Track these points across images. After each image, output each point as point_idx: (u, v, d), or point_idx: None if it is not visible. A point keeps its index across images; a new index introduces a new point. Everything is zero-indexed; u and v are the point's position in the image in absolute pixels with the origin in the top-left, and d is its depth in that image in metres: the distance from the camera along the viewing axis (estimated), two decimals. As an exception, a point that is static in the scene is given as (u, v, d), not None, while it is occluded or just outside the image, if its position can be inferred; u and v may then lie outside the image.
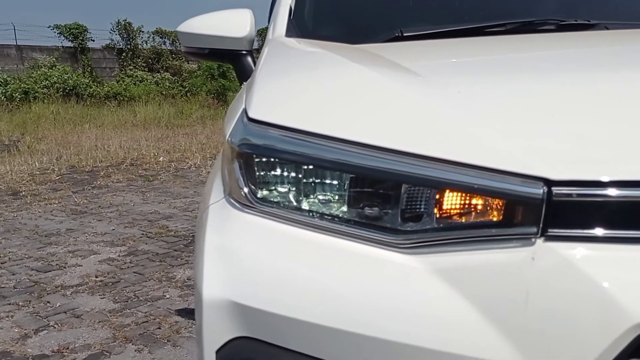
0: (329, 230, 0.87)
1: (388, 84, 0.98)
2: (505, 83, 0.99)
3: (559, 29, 1.50)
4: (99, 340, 2.81)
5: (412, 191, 0.83)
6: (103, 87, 16.97)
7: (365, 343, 0.78)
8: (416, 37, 1.45)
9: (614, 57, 1.15)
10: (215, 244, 0.92)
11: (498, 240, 0.78)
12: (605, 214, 0.73)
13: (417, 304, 0.78)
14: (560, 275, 0.72)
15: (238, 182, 0.95)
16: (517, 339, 0.73)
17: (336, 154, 0.87)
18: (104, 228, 4.91)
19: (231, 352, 0.86)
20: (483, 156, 0.79)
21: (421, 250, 0.81)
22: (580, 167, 0.74)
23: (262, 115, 0.97)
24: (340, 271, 0.84)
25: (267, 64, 1.21)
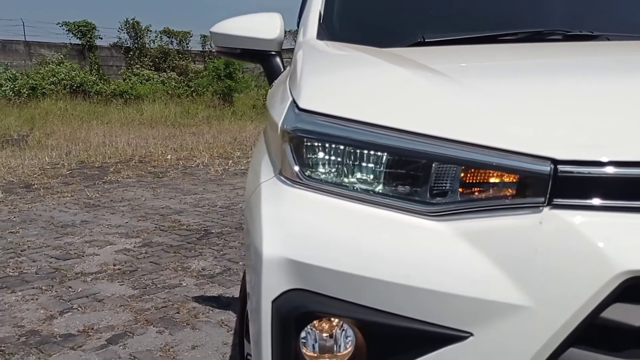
0: (368, 202, 1.04)
1: (418, 81, 1.15)
2: (519, 83, 1.16)
3: (566, 38, 1.67)
4: (122, 322, 2.97)
5: (440, 170, 1.00)
6: (110, 85, 17.17)
7: (399, 290, 0.95)
8: (437, 42, 1.63)
9: (612, 64, 1.32)
10: (271, 213, 1.09)
11: (512, 209, 0.95)
12: (600, 187, 0.90)
13: (443, 258, 0.95)
14: (562, 236, 0.89)
15: (289, 162, 1.12)
16: (526, 286, 0.90)
17: (375, 137, 1.04)
18: (117, 221, 5.07)
19: (286, 301, 1.03)
20: (501, 140, 0.96)
21: (447, 217, 0.98)
22: (580, 150, 0.92)
23: (311, 105, 1.13)
24: (378, 233, 1.00)
25: (308, 63, 1.38)
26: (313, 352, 1.06)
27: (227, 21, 2.14)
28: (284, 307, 1.03)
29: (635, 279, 0.85)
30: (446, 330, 0.94)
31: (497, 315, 0.90)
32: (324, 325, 1.06)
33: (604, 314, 0.87)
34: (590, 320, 0.87)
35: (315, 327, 1.06)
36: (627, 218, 0.89)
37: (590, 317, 0.87)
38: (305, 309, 1.02)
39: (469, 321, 0.92)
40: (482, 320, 0.91)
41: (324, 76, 1.27)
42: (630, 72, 1.22)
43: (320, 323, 1.06)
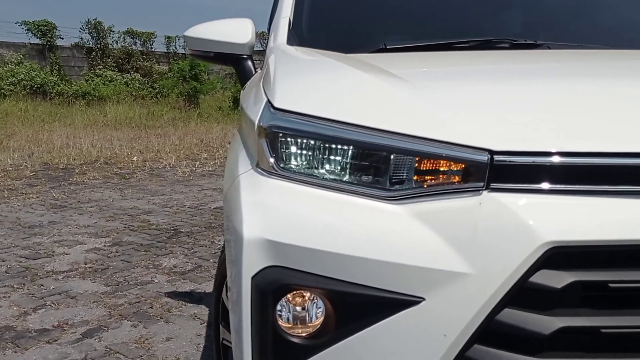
0: (335, 189, 1.20)
1: (380, 83, 1.31)
2: (466, 85, 1.34)
3: (512, 47, 1.86)
4: (96, 317, 3.04)
5: (398, 161, 1.16)
6: (71, 86, 16.92)
7: (362, 263, 1.10)
8: (398, 49, 1.80)
9: (548, 69, 1.52)
10: (250, 200, 1.23)
11: (457, 192, 1.12)
12: (530, 173, 1.07)
13: (399, 235, 1.11)
14: (498, 214, 1.07)
15: (265, 156, 1.27)
16: (468, 256, 1.07)
17: (341, 133, 1.20)
18: (86, 221, 5.09)
19: (264, 277, 1.17)
20: (448, 134, 1.13)
21: (404, 201, 1.14)
22: (513, 142, 1.09)
23: (284, 105, 1.28)
24: (345, 215, 1.16)
25: (280, 67, 1.53)
26: (288, 323, 1.20)
27: (201, 25, 2.27)
28: (262, 282, 1.17)
29: (557, 248, 1.02)
30: (403, 296, 1.09)
31: (444, 282, 1.07)
32: (297, 299, 1.21)
33: (531, 279, 1.04)
34: (521, 284, 1.04)
35: (290, 301, 1.20)
36: (551, 199, 1.07)
37: (521, 281, 1.04)
38: (282, 283, 1.16)
39: (422, 288, 1.08)
40: (432, 287, 1.08)
41: (296, 79, 1.43)
42: (562, 76, 1.41)
43: (294, 297, 1.20)
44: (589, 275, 1.03)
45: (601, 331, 1.03)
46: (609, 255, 1.05)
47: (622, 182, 1.06)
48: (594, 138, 1.09)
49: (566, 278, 1.03)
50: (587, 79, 1.37)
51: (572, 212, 1.05)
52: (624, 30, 2.24)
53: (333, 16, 2.19)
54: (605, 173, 1.07)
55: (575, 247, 1.03)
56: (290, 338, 1.18)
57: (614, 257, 1.05)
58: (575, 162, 1.07)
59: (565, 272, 1.03)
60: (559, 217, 1.04)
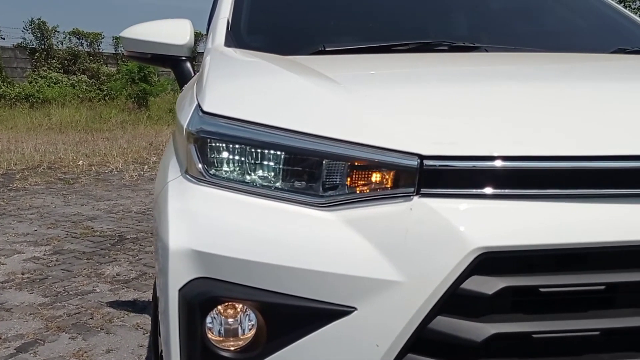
0: (267, 196, 1.15)
1: (313, 88, 1.28)
2: (400, 88, 1.31)
3: (451, 49, 1.86)
4: (32, 330, 2.90)
5: (330, 167, 1.13)
6: (14, 88, 16.30)
7: (291, 273, 1.07)
8: (336, 51, 1.77)
9: (484, 72, 1.52)
10: (177, 208, 1.18)
11: (388, 198, 1.09)
12: (459, 178, 1.06)
13: (330, 242, 1.08)
14: (428, 220, 1.05)
15: (194, 162, 1.21)
16: (399, 263, 1.04)
17: (272, 137, 1.16)
18: (25, 229, 4.88)
19: (191, 289, 1.11)
20: (378, 139, 1.10)
21: (336, 207, 1.11)
22: (442, 146, 1.07)
23: (213, 108, 1.23)
24: (275, 223, 1.12)
25: (214, 69, 1.48)
26: (218, 336, 1.15)
27: (138, 26, 2.19)
28: (190, 294, 1.12)
29: (487, 254, 1.01)
30: (334, 306, 1.06)
31: (376, 291, 1.04)
32: (229, 311, 1.16)
33: (463, 285, 1.02)
34: (453, 291, 1.02)
35: (221, 313, 1.15)
36: (481, 204, 1.05)
37: (452, 288, 1.02)
38: (210, 295, 1.11)
39: (353, 297, 1.05)
40: (364, 296, 1.05)
41: (227, 82, 1.38)
42: (496, 79, 1.41)
43: (226, 309, 1.16)
44: (519, 281, 1.02)
45: (533, 336, 1.03)
46: (540, 260, 1.04)
47: (550, 186, 1.06)
48: (523, 141, 1.08)
49: (497, 284, 1.01)
50: (520, 82, 1.37)
51: (501, 217, 1.04)
52: (560, 34, 2.28)
53: (272, 18, 2.15)
54: (535, 177, 1.06)
55: (505, 252, 1.01)
56: (220, 352, 1.13)
57: (544, 262, 1.04)
58: (504, 166, 1.05)
59: (496, 278, 1.02)
60: (489, 222, 1.03)
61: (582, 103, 1.19)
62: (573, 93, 1.24)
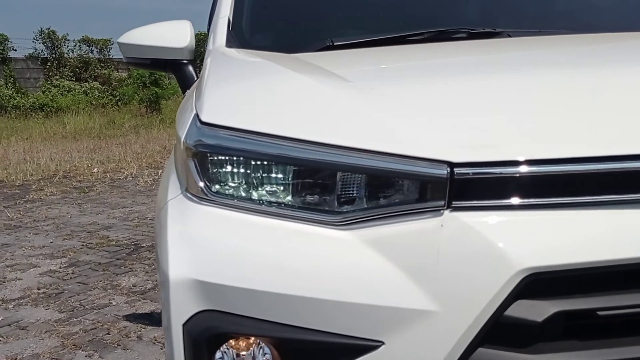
0: (276, 215, 1.02)
1: (322, 89, 1.14)
2: (419, 84, 1.17)
3: (470, 36, 1.71)
4: (48, 349, 2.82)
5: (346, 179, 0.99)
6: (28, 99, 16.36)
7: (308, 304, 0.94)
8: (345, 46, 1.63)
9: (511, 60, 1.36)
10: (177, 232, 1.05)
11: (414, 213, 0.95)
12: (497, 187, 0.92)
13: (349, 268, 0.94)
14: (463, 238, 0.90)
15: (194, 179, 1.08)
16: (431, 290, 0.90)
17: (279, 149, 1.02)
18: (41, 241, 4.83)
19: (197, 324, 0.99)
20: (400, 146, 0.96)
21: (353, 226, 0.97)
22: (474, 151, 0.93)
23: (213, 118, 1.10)
24: (287, 247, 0.99)
25: (214, 73, 1.34)
26: (231, 372, 1.03)
27: (135, 31, 2.07)
28: (195, 330, 0.99)
29: (535, 275, 0.87)
30: (358, 340, 0.93)
31: (406, 322, 0.90)
32: (240, 344, 1.04)
33: (508, 312, 0.88)
34: (496, 320, 0.88)
35: (232, 346, 1.03)
36: (525, 216, 0.91)
37: (495, 316, 0.88)
38: (217, 331, 0.99)
39: (380, 330, 0.92)
40: (392, 328, 0.91)
41: (228, 87, 1.24)
42: (527, 68, 1.25)
43: (237, 341, 1.03)
44: (573, 304, 0.88)
45: (591, 365, 0.89)
46: (595, 279, 0.90)
47: (607, 191, 0.90)
48: (570, 141, 0.93)
49: (548, 309, 0.87)
50: (556, 70, 1.21)
51: (549, 230, 0.89)
52: (584, 13, 2.11)
53: (275, 13, 2.00)
54: (589, 181, 0.91)
55: (556, 272, 0.87)
56: (232, 392, 1.00)
57: (600, 281, 0.90)
58: (549, 171, 0.91)
59: (546, 302, 0.88)
60: (535, 237, 0.89)
61: (634, 93, 1.03)
62: (620, 82, 1.08)
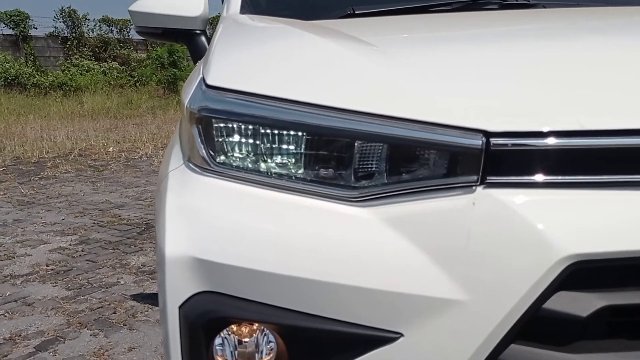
0: (286, 189, 0.92)
1: (341, 52, 1.03)
2: (450, 51, 1.05)
3: (502, 7, 1.58)
4: (53, 326, 2.77)
5: (365, 150, 0.88)
6: (47, 77, 16.43)
7: (319, 289, 0.83)
8: (368, 14, 1.51)
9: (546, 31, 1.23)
10: (176, 205, 0.95)
11: (442, 189, 0.84)
12: (539, 161, 0.80)
13: (368, 250, 0.83)
14: (497, 218, 0.79)
15: (197, 147, 0.98)
16: (459, 277, 0.79)
17: (291, 115, 0.91)
18: (53, 218, 4.80)
19: (194, 306, 0.90)
20: (428, 113, 0.85)
21: (372, 202, 0.87)
22: (515, 120, 0.81)
23: (219, 81, 1.00)
24: (298, 224, 0.88)
25: (223, 37, 1.24)
26: (230, 359, 0.93)
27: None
28: (192, 313, 0.89)
29: (580, 263, 0.75)
30: (373, 331, 0.82)
31: (429, 312, 0.80)
32: (243, 330, 0.94)
33: (547, 305, 0.77)
34: (533, 313, 0.77)
35: (234, 332, 0.93)
36: (569, 195, 0.79)
37: (532, 309, 0.77)
38: (216, 315, 0.89)
39: (398, 320, 0.81)
40: (412, 319, 0.80)
41: (238, 50, 1.13)
42: (565, 38, 1.13)
43: (240, 327, 0.93)
44: (623, 298, 0.76)
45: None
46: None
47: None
48: (624, 112, 0.80)
49: (594, 302, 0.76)
50: (598, 42, 1.08)
51: (598, 212, 0.77)
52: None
53: (294, -21, 1.89)
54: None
55: (606, 260, 0.75)
56: (232, 382, 0.91)
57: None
58: (601, 144, 0.79)
59: (592, 295, 0.76)
60: (581, 220, 0.77)
61: None
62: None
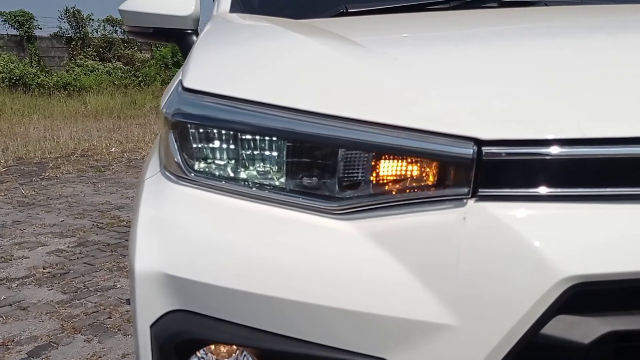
0: (266, 200, 0.86)
1: (327, 53, 0.97)
2: (439, 52, 0.99)
3: (502, 5, 1.51)
4: (46, 331, 2.73)
5: (349, 159, 0.82)
6: (52, 77, 16.43)
7: (301, 310, 0.77)
8: (360, 13, 1.44)
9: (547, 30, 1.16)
10: (149, 217, 0.89)
11: (431, 202, 0.77)
12: (536, 171, 0.73)
13: (350, 268, 0.77)
14: (491, 234, 0.72)
15: (173, 154, 0.92)
16: (448, 298, 0.73)
17: (272, 120, 0.85)
18: (52, 219, 4.76)
19: (165, 326, 0.84)
20: (414, 118, 0.78)
21: (356, 215, 0.81)
22: (509, 126, 0.74)
23: (197, 84, 0.94)
24: (277, 239, 0.82)
25: (207, 36, 1.18)
26: (208, 382, 0.87)
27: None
28: (164, 333, 0.84)
29: (582, 285, 0.69)
30: (357, 357, 0.76)
31: (415, 337, 0.73)
32: (221, 349, 0.88)
33: (545, 330, 0.71)
34: (530, 339, 0.71)
35: (211, 351, 0.87)
36: (569, 209, 0.72)
37: (529, 334, 0.70)
38: (189, 336, 0.83)
39: (383, 345, 0.75)
40: (397, 344, 0.74)
41: (218, 50, 1.07)
42: (565, 38, 1.05)
43: (218, 346, 0.87)
44: (631, 322, 0.69)
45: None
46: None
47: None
48: (626, 118, 0.74)
49: (597, 328, 0.69)
50: (600, 42, 1.01)
51: (602, 229, 0.71)
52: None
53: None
54: None
55: (610, 282, 0.69)
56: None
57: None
58: (604, 154, 0.72)
59: (595, 319, 0.70)
60: (583, 237, 0.70)
61: None
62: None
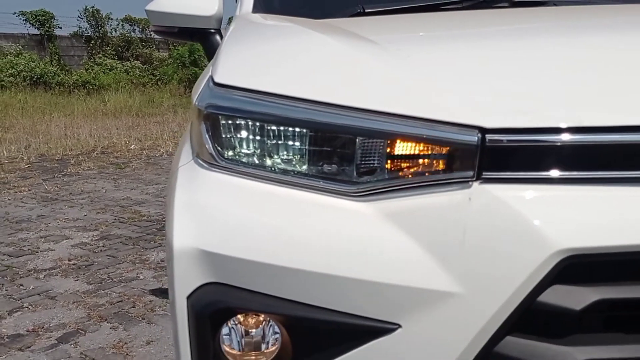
0: (291, 184, 0.95)
1: (346, 50, 1.05)
2: (448, 49, 1.07)
3: (513, 5, 1.58)
4: (74, 319, 2.84)
5: (365, 146, 0.91)
6: (72, 76, 16.70)
7: (321, 281, 0.86)
8: (378, 12, 1.53)
9: (554, 29, 1.23)
10: (185, 200, 0.99)
11: (440, 185, 0.86)
12: (534, 157, 0.82)
13: (367, 243, 0.86)
14: (493, 213, 0.81)
15: (205, 144, 1.02)
16: (455, 270, 0.81)
17: (295, 112, 0.94)
18: (75, 214, 4.89)
19: (201, 297, 0.93)
20: (425, 109, 0.87)
21: (372, 197, 0.89)
22: (510, 116, 0.83)
23: (227, 79, 1.03)
24: (300, 218, 0.91)
25: (233, 36, 1.27)
26: (238, 349, 0.96)
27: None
28: (199, 303, 0.93)
29: (574, 257, 0.77)
30: (372, 322, 0.85)
31: (426, 304, 0.82)
32: (249, 320, 0.97)
33: (541, 298, 0.79)
34: (527, 305, 0.79)
35: (241, 322, 0.96)
36: (565, 190, 0.81)
37: (527, 301, 0.79)
38: (223, 305, 0.92)
39: (396, 312, 0.84)
40: (410, 310, 0.83)
41: (245, 48, 1.17)
42: (574, 37, 1.13)
43: (246, 318, 0.97)
44: (617, 292, 0.77)
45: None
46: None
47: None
48: (619, 108, 0.82)
49: (588, 296, 0.77)
50: (600, 39, 1.08)
51: (592, 208, 0.79)
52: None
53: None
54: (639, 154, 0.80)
55: (600, 255, 0.77)
56: (238, 370, 0.94)
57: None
58: (595, 141, 0.80)
59: (586, 288, 0.78)
60: (576, 215, 0.79)
61: None
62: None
